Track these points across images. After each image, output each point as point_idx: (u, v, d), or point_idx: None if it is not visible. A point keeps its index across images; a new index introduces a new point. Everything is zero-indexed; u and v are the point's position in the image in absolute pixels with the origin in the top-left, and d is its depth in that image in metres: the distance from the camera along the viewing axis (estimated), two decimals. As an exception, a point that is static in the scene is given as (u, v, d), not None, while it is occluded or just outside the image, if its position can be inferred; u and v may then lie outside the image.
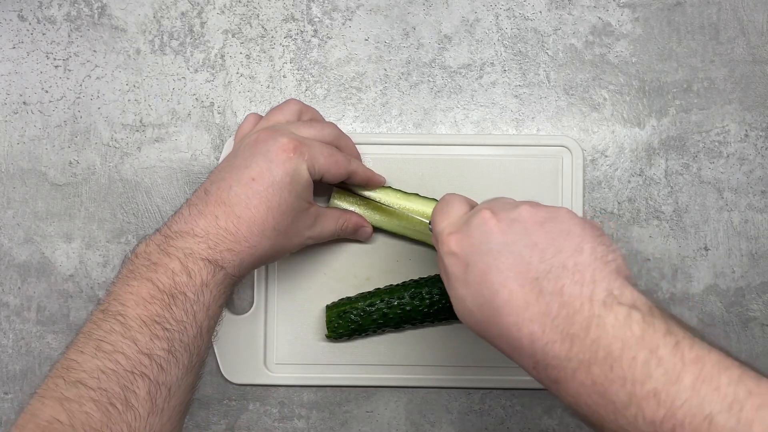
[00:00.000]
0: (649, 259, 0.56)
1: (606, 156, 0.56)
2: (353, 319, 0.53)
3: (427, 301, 0.52)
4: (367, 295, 0.54)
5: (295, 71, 0.57)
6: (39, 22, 0.58)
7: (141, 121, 0.57)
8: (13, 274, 0.57)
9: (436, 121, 0.57)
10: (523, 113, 0.57)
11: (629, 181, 0.56)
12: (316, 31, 0.57)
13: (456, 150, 0.55)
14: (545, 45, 0.57)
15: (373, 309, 0.53)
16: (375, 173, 0.53)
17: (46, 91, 0.58)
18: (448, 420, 0.56)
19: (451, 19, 0.57)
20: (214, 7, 0.58)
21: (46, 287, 0.57)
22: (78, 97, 0.58)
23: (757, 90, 0.56)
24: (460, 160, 0.55)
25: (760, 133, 0.56)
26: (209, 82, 0.57)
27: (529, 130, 0.57)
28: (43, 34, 0.58)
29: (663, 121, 0.56)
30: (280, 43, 0.57)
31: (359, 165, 0.51)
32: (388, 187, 0.54)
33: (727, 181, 0.56)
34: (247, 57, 0.57)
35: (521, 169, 0.55)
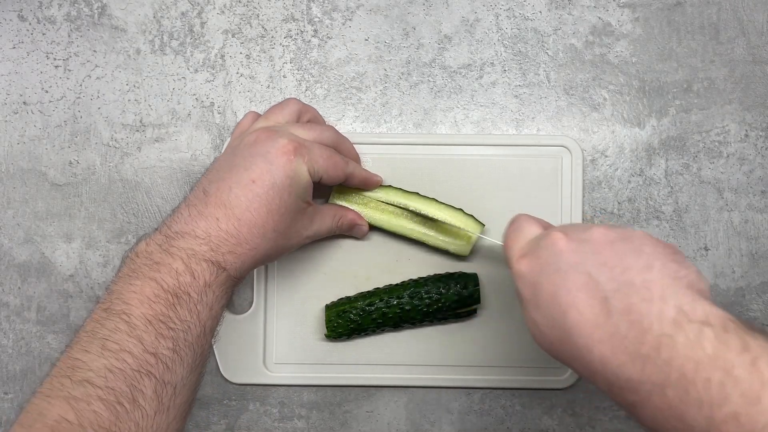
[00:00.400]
0: (649, 259, 0.56)
1: (606, 156, 0.56)
2: (353, 319, 0.53)
3: (427, 300, 0.52)
4: (366, 294, 0.54)
5: (295, 71, 0.57)
6: (39, 22, 0.58)
7: (141, 121, 0.57)
8: (13, 274, 0.57)
9: (436, 121, 0.57)
10: (523, 113, 0.57)
11: (629, 181, 0.56)
12: (316, 31, 0.57)
13: (456, 150, 0.55)
14: (545, 45, 0.57)
15: (373, 308, 0.53)
16: (372, 174, 0.53)
17: (46, 91, 0.58)
18: (448, 420, 0.56)
19: (451, 19, 0.57)
20: (214, 7, 0.58)
21: (46, 287, 0.57)
22: (78, 97, 0.58)
23: (757, 90, 0.56)
24: (460, 160, 0.55)
25: (760, 133, 0.56)
26: (209, 82, 0.57)
27: (529, 130, 0.57)
28: (43, 34, 0.58)
29: (663, 121, 0.56)
30: (280, 43, 0.57)
31: (357, 167, 0.52)
32: (388, 186, 0.54)
33: (727, 181, 0.56)
34: (247, 57, 0.57)
35: (521, 169, 0.55)
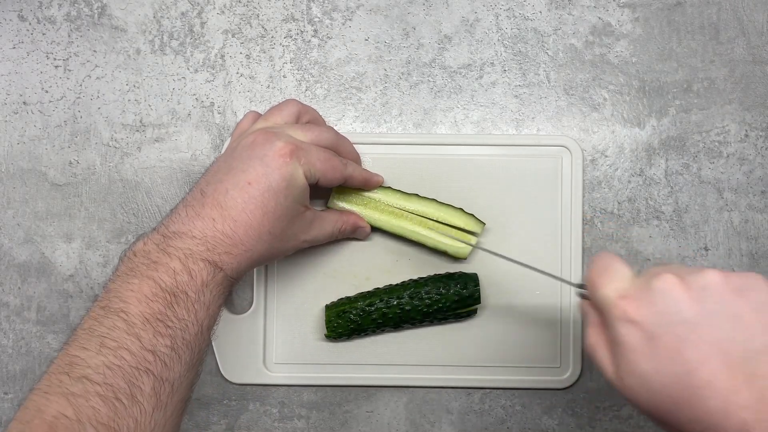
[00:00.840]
0: (649, 259, 0.56)
1: (606, 156, 0.56)
2: (352, 319, 0.53)
3: (427, 300, 0.52)
4: (366, 294, 0.54)
5: (295, 71, 0.57)
6: (39, 22, 0.58)
7: (141, 121, 0.57)
8: (13, 274, 0.57)
9: (436, 121, 0.57)
10: (523, 113, 0.57)
11: (629, 181, 0.56)
12: (316, 31, 0.57)
13: (456, 150, 0.55)
14: (545, 45, 0.57)
15: (373, 309, 0.53)
16: (373, 175, 0.53)
17: (46, 91, 0.58)
18: (448, 420, 0.56)
19: (451, 19, 0.57)
20: (214, 7, 0.58)
21: (46, 287, 0.57)
22: (78, 97, 0.58)
23: (757, 90, 0.56)
24: (460, 160, 0.55)
25: (760, 133, 0.56)
26: (209, 82, 0.57)
27: (529, 130, 0.57)
28: (43, 34, 0.58)
29: (663, 121, 0.56)
30: (280, 43, 0.57)
31: (356, 169, 0.51)
32: (388, 187, 0.54)
33: (727, 181, 0.56)
34: (247, 57, 0.57)
35: (521, 169, 0.55)
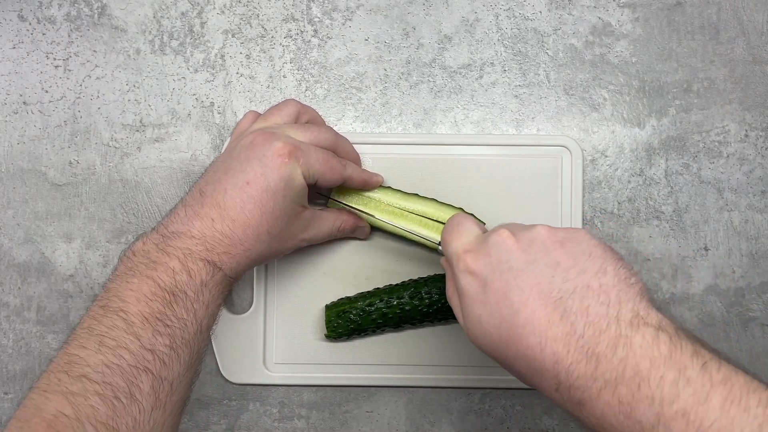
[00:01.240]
0: (649, 259, 0.56)
1: (606, 156, 0.56)
2: (352, 319, 0.53)
3: (427, 300, 0.52)
4: (366, 294, 0.54)
5: (295, 71, 0.57)
6: (39, 22, 0.58)
7: (141, 121, 0.57)
8: (13, 274, 0.57)
9: (436, 121, 0.57)
10: (523, 113, 0.57)
11: (629, 181, 0.56)
12: (316, 31, 0.57)
13: (456, 150, 0.55)
14: (545, 45, 0.57)
15: (373, 309, 0.53)
16: (372, 175, 0.53)
17: (46, 91, 0.58)
18: (448, 420, 0.56)
19: (451, 19, 0.57)
20: (214, 7, 0.58)
21: (46, 287, 0.57)
22: (78, 97, 0.58)
23: (757, 90, 0.56)
24: (460, 160, 0.55)
25: (760, 133, 0.56)
26: (209, 82, 0.57)
27: (529, 130, 0.57)
28: (43, 34, 0.58)
29: (663, 121, 0.56)
30: (280, 43, 0.57)
31: (355, 169, 0.51)
32: (388, 187, 0.54)
33: (727, 181, 0.56)
34: (247, 57, 0.57)
35: (521, 169, 0.55)
